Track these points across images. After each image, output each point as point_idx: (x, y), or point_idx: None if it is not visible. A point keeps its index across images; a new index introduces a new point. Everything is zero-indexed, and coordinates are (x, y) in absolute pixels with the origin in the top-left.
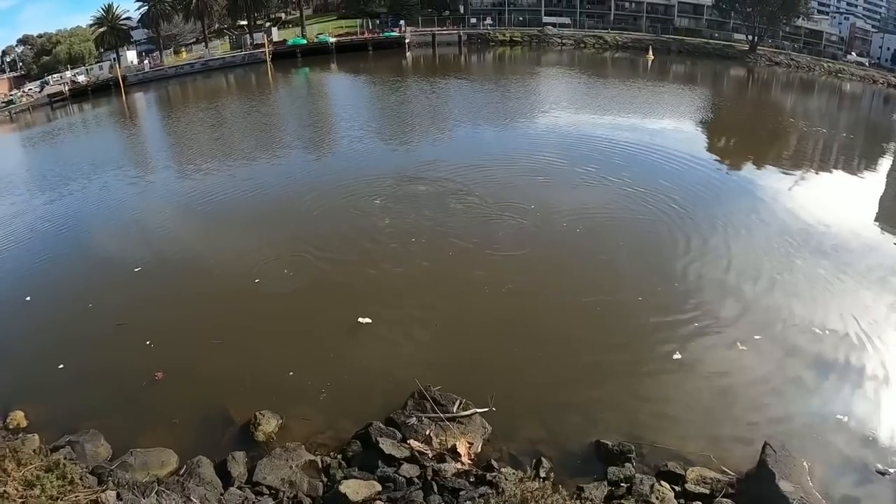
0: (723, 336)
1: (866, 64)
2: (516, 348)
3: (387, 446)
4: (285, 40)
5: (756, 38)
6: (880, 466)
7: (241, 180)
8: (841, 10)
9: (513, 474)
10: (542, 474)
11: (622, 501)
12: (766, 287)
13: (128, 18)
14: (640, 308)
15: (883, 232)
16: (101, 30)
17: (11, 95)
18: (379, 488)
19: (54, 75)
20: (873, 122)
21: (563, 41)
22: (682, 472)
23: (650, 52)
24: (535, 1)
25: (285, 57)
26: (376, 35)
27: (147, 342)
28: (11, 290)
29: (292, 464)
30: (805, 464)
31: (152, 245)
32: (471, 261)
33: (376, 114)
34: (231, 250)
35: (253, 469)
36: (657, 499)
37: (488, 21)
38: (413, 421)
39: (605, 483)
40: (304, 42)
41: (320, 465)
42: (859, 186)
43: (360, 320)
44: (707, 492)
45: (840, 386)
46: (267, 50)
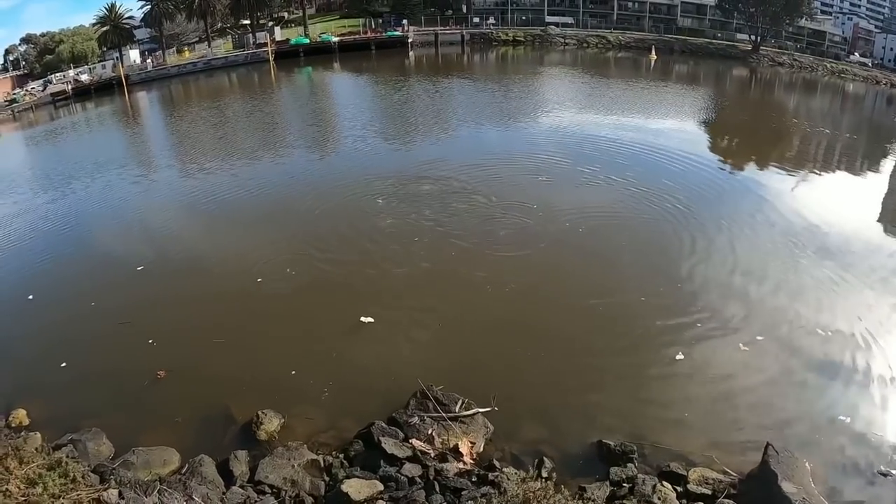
0: (725, 337)
1: (869, 64)
2: (518, 348)
3: (389, 446)
4: (288, 39)
5: (759, 38)
6: (882, 468)
7: (243, 179)
8: (844, 10)
9: (515, 474)
10: (545, 474)
11: (624, 502)
12: (769, 287)
13: (131, 17)
14: (643, 308)
15: (886, 232)
16: (104, 29)
17: (14, 94)
18: (381, 488)
19: (57, 74)
20: (876, 122)
21: (566, 41)
22: (685, 473)
23: (653, 52)
24: (537, 0)
25: (288, 56)
26: (379, 34)
27: (149, 341)
28: (14, 288)
29: (294, 463)
30: (807, 465)
31: (155, 244)
32: (473, 260)
33: (379, 113)
34: (233, 250)
35: (255, 468)
36: (659, 499)
37: (491, 20)
38: (415, 420)
39: (608, 483)
40: (307, 41)
41: (322, 465)
42: (862, 187)
43: (362, 319)
44: (709, 492)
45: (843, 387)
46: (270, 49)
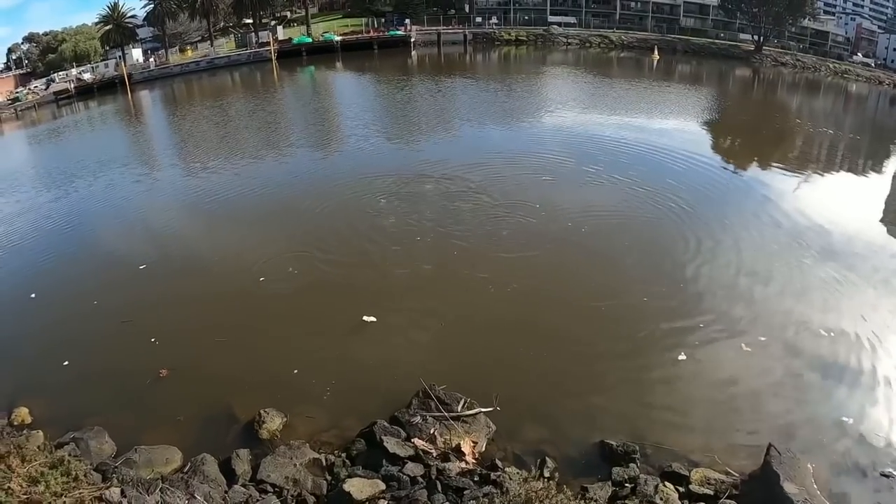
0: (728, 337)
1: (872, 65)
2: (521, 348)
3: (391, 445)
4: (290, 39)
5: (762, 38)
6: (885, 469)
7: (246, 178)
8: (847, 10)
9: (517, 474)
10: (547, 474)
11: (626, 502)
12: (771, 288)
13: (133, 16)
14: (646, 308)
15: (889, 233)
16: (106, 28)
17: (17, 93)
18: (383, 487)
19: (60, 73)
20: (879, 122)
21: (569, 40)
22: (687, 473)
23: (656, 52)
24: (540, 0)
25: (290, 55)
26: (381, 34)
27: (152, 340)
28: (16, 287)
29: (296, 462)
30: (809, 466)
31: (157, 243)
32: (475, 260)
33: (382, 112)
34: (235, 249)
35: (257, 467)
36: (661, 499)
37: (493, 20)
38: (417, 420)
39: (610, 483)
40: (310, 40)
41: (324, 464)
42: (865, 187)
43: (364, 319)
44: (711, 493)
45: (845, 388)
46: (272, 48)
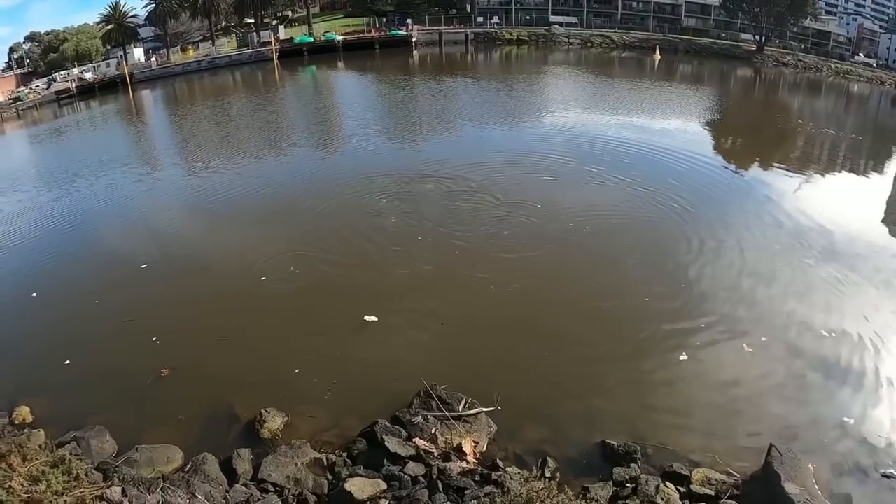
0: (730, 337)
1: (874, 65)
2: (522, 347)
3: (392, 445)
4: (292, 38)
5: (763, 38)
6: (886, 470)
7: (247, 178)
8: (849, 10)
9: (518, 474)
10: (548, 474)
11: (627, 502)
12: (773, 288)
13: (135, 16)
14: (647, 308)
15: (891, 233)
16: (108, 27)
17: (19, 92)
18: (384, 487)
19: (61, 72)
20: (881, 123)
21: (570, 40)
22: (688, 474)
23: (657, 52)
24: (542, 0)
25: (292, 55)
26: (383, 33)
27: (153, 339)
28: (18, 286)
29: (298, 461)
30: (811, 466)
31: (159, 242)
32: (476, 260)
33: (383, 112)
34: (237, 248)
35: (258, 466)
36: (662, 500)
37: (495, 20)
38: (419, 419)
39: (611, 483)
40: (311, 40)
41: (325, 463)
42: (867, 187)
43: (365, 318)
44: (712, 493)
45: (847, 388)
46: (274, 48)
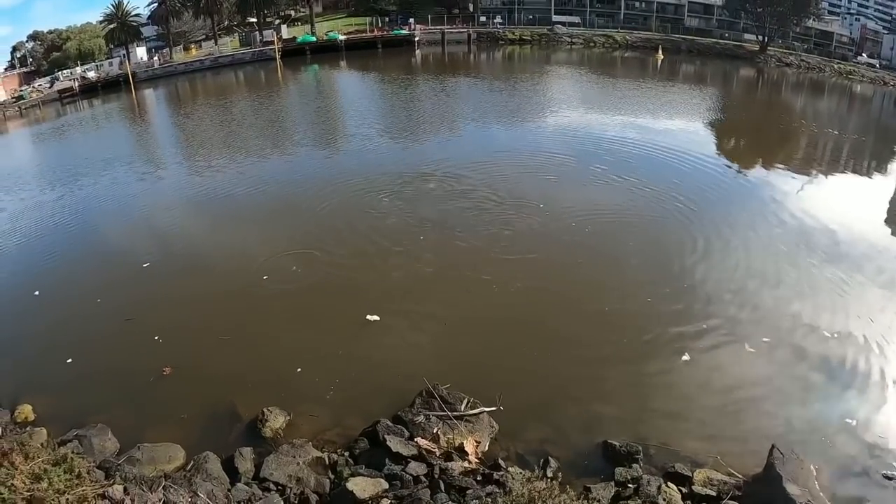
0: (731, 338)
1: (877, 66)
2: (524, 347)
3: (394, 444)
4: (295, 37)
5: (766, 38)
6: (888, 471)
7: (249, 177)
8: (852, 11)
9: (520, 474)
10: (550, 474)
11: (629, 502)
12: (775, 289)
13: (138, 15)
14: (649, 309)
15: (894, 233)
16: (111, 26)
17: (21, 91)
18: (386, 486)
19: (64, 71)
20: (884, 123)
21: (573, 40)
22: (690, 474)
23: (660, 52)
24: (544, 0)
25: (295, 54)
26: (386, 33)
27: (155, 337)
28: (21, 284)
29: (299, 460)
30: (812, 467)
31: (161, 241)
32: (479, 259)
33: (386, 111)
34: (239, 247)
35: (260, 465)
36: (664, 500)
37: (498, 19)
38: (421, 419)
39: (613, 483)
40: (314, 39)
41: (327, 462)
42: (870, 188)
43: (368, 318)
44: (714, 494)
45: (849, 389)
46: (276, 47)
